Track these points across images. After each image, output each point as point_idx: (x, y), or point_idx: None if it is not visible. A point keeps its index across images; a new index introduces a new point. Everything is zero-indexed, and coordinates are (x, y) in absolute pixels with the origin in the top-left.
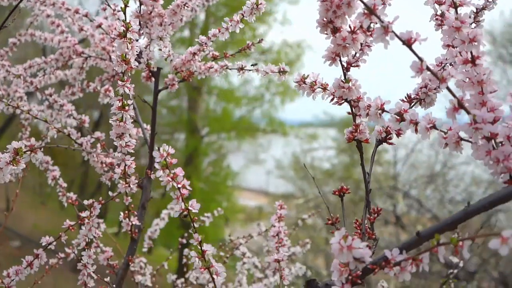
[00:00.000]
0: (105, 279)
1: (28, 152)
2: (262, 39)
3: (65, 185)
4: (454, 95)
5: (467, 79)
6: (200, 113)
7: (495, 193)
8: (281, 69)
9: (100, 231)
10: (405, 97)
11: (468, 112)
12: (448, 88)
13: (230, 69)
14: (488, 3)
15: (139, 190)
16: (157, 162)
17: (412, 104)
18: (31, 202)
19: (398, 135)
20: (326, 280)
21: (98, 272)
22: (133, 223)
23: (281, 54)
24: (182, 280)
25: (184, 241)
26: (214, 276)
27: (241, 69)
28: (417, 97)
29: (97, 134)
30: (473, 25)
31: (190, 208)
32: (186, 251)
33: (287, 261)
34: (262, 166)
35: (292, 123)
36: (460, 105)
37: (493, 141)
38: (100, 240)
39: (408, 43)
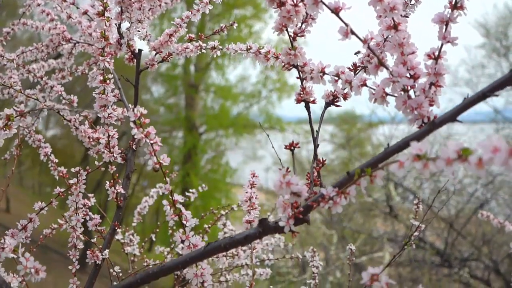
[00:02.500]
0: (92, 240)
1: (19, 117)
2: (234, 22)
3: (56, 160)
4: (375, 54)
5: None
6: (197, 110)
7: (409, 135)
8: (248, 47)
9: (91, 204)
10: (351, 65)
11: (387, 69)
12: (369, 48)
13: (205, 49)
14: None
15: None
16: (132, 121)
17: (358, 71)
18: (31, 202)
19: (344, 98)
20: (276, 219)
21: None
22: (118, 191)
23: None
24: (168, 249)
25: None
26: (184, 222)
27: (213, 48)
28: (362, 64)
29: (85, 112)
30: (413, 1)
31: (161, 161)
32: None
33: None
34: (260, 162)
35: (289, 119)
36: (380, 63)
37: (413, 93)
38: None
39: (336, 11)
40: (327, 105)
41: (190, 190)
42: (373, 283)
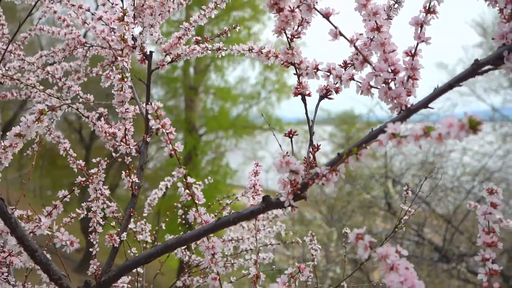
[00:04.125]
0: (112, 224)
1: (50, 111)
2: (237, 25)
3: (74, 154)
4: (360, 52)
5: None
6: (197, 112)
7: (389, 120)
8: (250, 48)
9: (106, 196)
10: (342, 62)
11: (370, 64)
12: (355, 47)
13: (211, 50)
14: None
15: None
16: (150, 113)
17: (348, 67)
18: (32, 205)
19: (336, 92)
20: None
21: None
22: (133, 180)
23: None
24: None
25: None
26: (196, 201)
27: (218, 49)
28: (351, 62)
29: (101, 109)
30: (396, 5)
31: (176, 148)
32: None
33: (270, 222)
34: (260, 163)
35: (289, 120)
36: (365, 60)
37: (393, 85)
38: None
39: (326, 16)
40: (321, 98)
41: (197, 182)
42: (358, 241)
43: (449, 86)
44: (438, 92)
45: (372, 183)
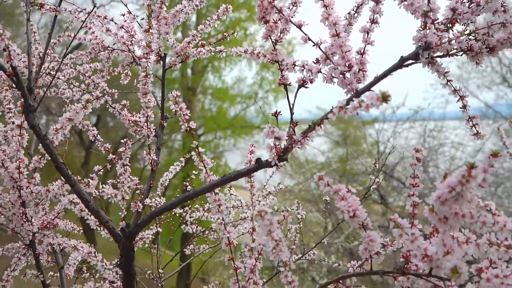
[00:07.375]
0: (137, 192)
1: (95, 100)
2: (235, 31)
3: (102, 139)
4: (323, 52)
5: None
6: (196, 113)
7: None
8: (246, 50)
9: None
10: (315, 59)
11: (331, 61)
12: (320, 48)
13: (214, 52)
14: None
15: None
16: (170, 100)
17: (318, 63)
18: None
19: (311, 82)
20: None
21: None
22: (153, 158)
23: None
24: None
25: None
26: (206, 165)
27: (220, 51)
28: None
29: (124, 101)
30: (355, 14)
31: (190, 125)
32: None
33: (264, 197)
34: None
35: (286, 120)
36: (327, 57)
37: (348, 75)
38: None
39: (299, 26)
40: (299, 87)
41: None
42: (319, 181)
43: (384, 75)
44: (376, 80)
45: (365, 177)
